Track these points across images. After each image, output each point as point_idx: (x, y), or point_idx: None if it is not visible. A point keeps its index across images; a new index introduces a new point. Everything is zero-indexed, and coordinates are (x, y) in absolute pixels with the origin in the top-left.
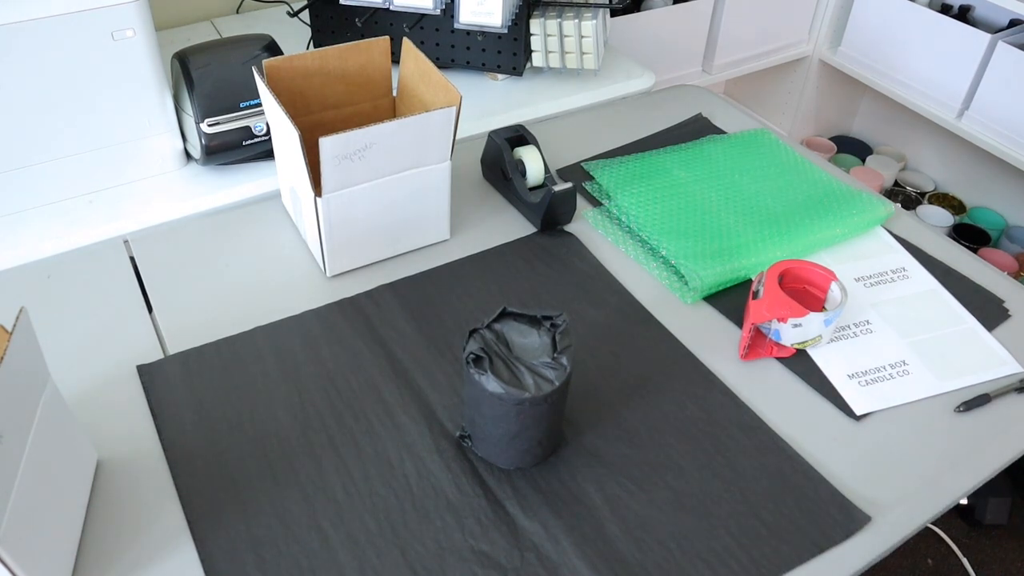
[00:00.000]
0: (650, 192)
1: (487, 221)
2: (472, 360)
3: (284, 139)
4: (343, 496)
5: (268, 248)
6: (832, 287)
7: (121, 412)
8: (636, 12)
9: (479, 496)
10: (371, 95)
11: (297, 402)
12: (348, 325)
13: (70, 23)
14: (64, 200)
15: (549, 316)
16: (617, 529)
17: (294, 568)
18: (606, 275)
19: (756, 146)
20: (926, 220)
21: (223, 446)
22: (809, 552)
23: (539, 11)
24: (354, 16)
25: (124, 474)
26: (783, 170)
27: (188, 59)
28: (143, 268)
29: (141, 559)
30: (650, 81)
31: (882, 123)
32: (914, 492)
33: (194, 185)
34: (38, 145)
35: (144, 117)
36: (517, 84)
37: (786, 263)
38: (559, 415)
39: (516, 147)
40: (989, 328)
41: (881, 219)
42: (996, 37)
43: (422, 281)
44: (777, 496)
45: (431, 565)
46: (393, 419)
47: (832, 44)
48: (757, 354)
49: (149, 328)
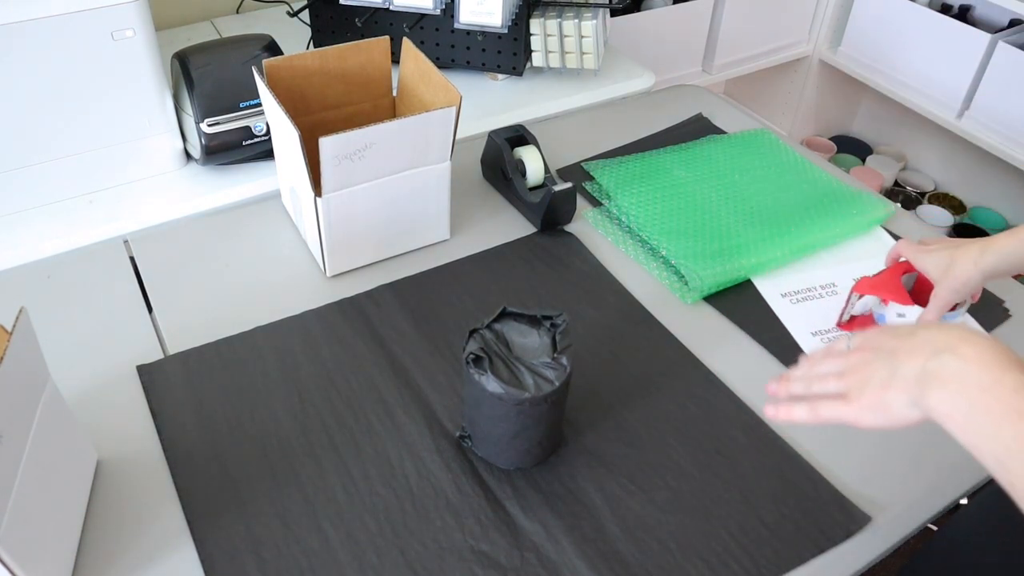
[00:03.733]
0: (650, 192)
1: (487, 221)
2: (472, 360)
3: (284, 139)
4: (343, 496)
5: (268, 248)
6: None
7: (121, 412)
8: (636, 12)
9: (479, 496)
10: (371, 95)
11: (297, 402)
12: (348, 325)
13: (70, 23)
14: (64, 200)
15: (549, 316)
16: (617, 529)
17: (294, 568)
18: (606, 275)
19: (756, 146)
20: (926, 220)
21: (223, 446)
22: (809, 552)
23: (539, 11)
24: (354, 16)
25: (124, 474)
26: (783, 170)
27: (188, 59)
28: (143, 268)
29: (141, 559)
30: (650, 81)
31: (882, 123)
32: (914, 492)
33: (194, 185)
34: (38, 145)
35: (144, 117)
36: (517, 84)
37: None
38: (559, 415)
39: (516, 147)
40: (990, 328)
41: (881, 219)
42: (996, 37)
43: (422, 281)
44: (777, 496)
45: (431, 565)
46: (393, 419)
47: (832, 44)
48: (854, 328)
49: (149, 328)
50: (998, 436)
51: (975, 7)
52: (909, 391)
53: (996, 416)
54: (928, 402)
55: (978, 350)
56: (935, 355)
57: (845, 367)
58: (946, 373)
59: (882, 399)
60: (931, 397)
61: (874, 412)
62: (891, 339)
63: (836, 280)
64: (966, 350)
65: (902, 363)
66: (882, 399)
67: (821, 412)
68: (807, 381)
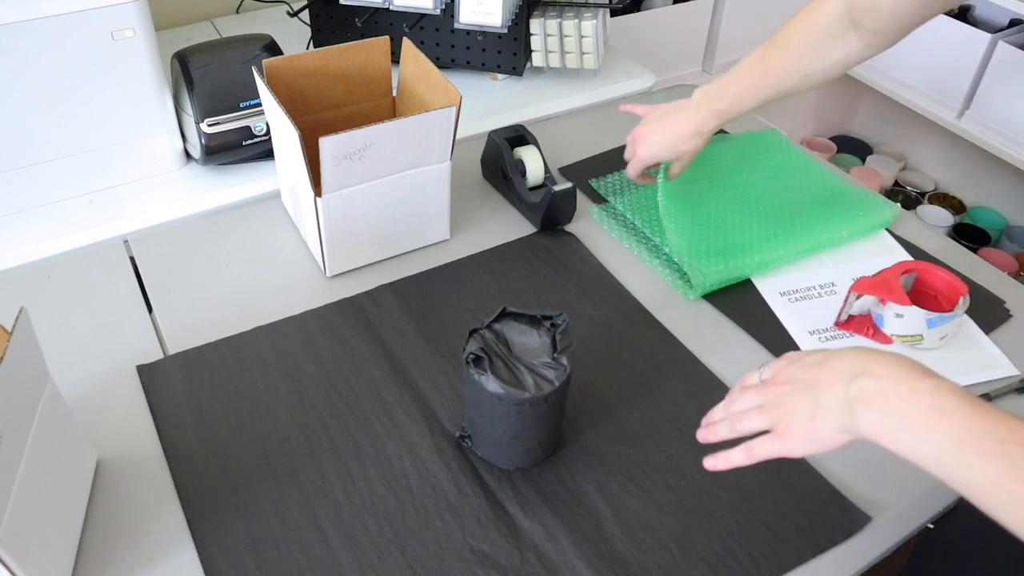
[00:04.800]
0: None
1: (487, 221)
2: (472, 360)
3: (284, 139)
4: (343, 496)
5: (268, 248)
6: (960, 301)
7: (121, 412)
8: (636, 12)
9: (479, 496)
10: (371, 95)
11: (297, 402)
12: (348, 325)
13: (70, 23)
14: (64, 200)
15: (549, 316)
16: (617, 529)
17: (294, 568)
18: (606, 275)
19: (764, 146)
20: (926, 220)
21: (223, 446)
22: (809, 552)
23: (539, 11)
24: (354, 16)
25: (124, 474)
26: (790, 170)
27: (188, 59)
28: (143, 268)
29: (141, 559)
30: (650, 81)
31: (882, 123)
32: (914, 492)
33: (194, 185)
34: (38, 145)
35: (144, 117)
36: (517, 84)
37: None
38: (559, 415)
39: (516, 147)
40: (990, 328)
41: (887, 222)
42: (996, 37)
43: (422, 281)
44: (777, 496)
45: (431, 565)
46: (393, 419)
47: None
48: (852, 328)
49: (149, 328)
50: (928, 438)
51: (975, 7)
52: (837, 418)
53: (921, 420)
54: (858, 425)
55: (888, 366)
56: (852, 380)
57: (764, 401)
58: (867, 394)
59: (811, 428)
60: (860, 420)
61: (806, 441)
62: (804, 369)
63: (835, 280)
64: (878, 369)
65: (822, 392)
66: (811, 428)
67: (756, 452)
68: (730, 422)
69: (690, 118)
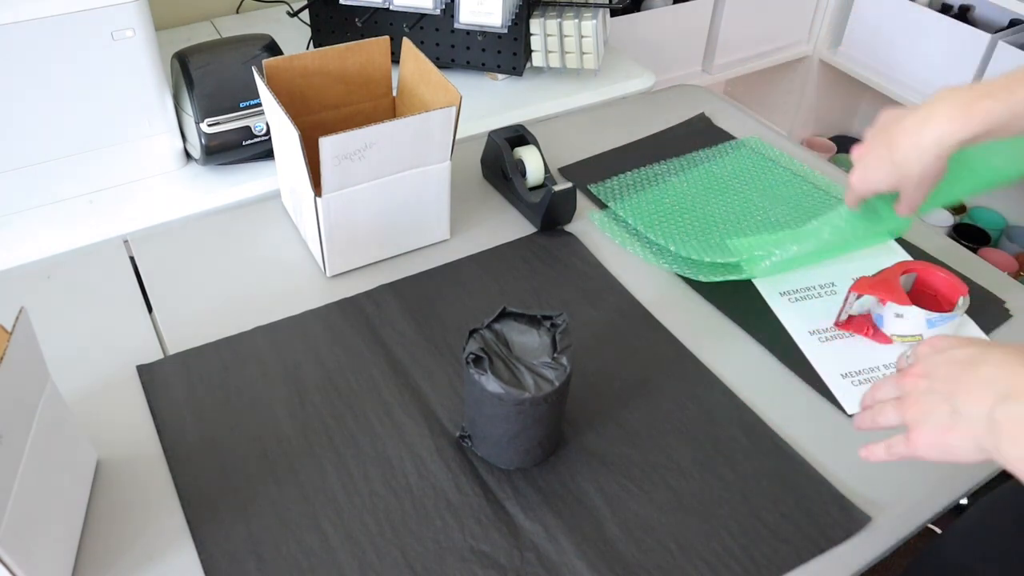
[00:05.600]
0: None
1: (487, 221)
2: (472, 360)
3: (284, 139)
4: (343, 496)
5: (268, 248)
6: (960, 301)
7: (121, 412)
8: (636, 12)
9: (479, 496)
10: (371, 95)
11: (297, 402)
12: (348, 325)
13: (70, 23)
14: (64, 200)
15: (549, 316)
16: (617, 529)
17: (294, 568)
18: (606, 275)
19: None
20: (926, 220)
21: (223, 446)
22: (809, 552)
23: (539, 11)
24: (354, 16)
25: (124, 474)
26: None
27: (188, 59)
28: (143, 268)
29: (141, 559)
30: (650, 81)
31: None
32: (914, 492)
33: (194, 185)
34: (38, 145)
35: (144, 117)
36: (517, 84)
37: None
38: (559, 415)
39: (516, 147)
40: (990, 328)
41: (900, 230)
42: (996, 37)
43: (422, 281)
44: (777, 496)
45: (431, 565)
46: (393, 419)
47: (832, 44)
48: (852, 328)
49: (149, 328)
50: None
51: (975, 7)
52: (976, 436)
53: None
54: (1000, 451)
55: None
56: (1000, 401)
57: (902, 393)
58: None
59: (945, 440)
60: (1003, 449)
61: (938, 451)
62: (947, 367)
63: (835, 279)
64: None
65: (963, 404)
66: (945, 440)
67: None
68: (872, 413)
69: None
